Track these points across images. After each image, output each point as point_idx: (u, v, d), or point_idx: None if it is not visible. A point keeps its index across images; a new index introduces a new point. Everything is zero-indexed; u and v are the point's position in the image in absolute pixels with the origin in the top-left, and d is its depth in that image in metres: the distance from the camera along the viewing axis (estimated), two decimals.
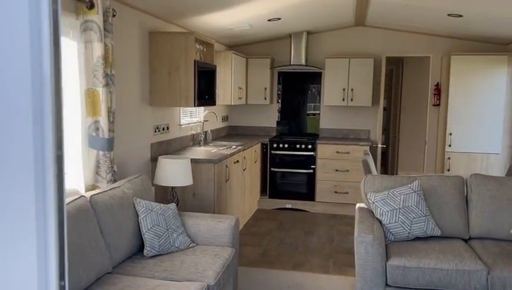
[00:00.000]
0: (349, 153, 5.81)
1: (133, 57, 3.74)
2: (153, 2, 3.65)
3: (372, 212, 3.37)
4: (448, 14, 4.57)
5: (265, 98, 6.30)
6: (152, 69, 4.01)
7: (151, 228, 2.91)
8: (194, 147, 4.87)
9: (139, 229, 2.93)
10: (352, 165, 5.80)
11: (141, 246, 2.95)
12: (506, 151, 5.52)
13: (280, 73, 6.52)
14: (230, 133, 6.74)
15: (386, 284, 2.92)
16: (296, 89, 6.52)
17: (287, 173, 6.01)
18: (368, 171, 4.01)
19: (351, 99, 6.02)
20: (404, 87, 7.38)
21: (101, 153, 3.05)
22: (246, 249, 4.46)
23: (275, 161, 6.03)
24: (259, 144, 5.99)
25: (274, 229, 5.17)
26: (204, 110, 5.41)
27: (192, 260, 2.83)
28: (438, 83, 6.05)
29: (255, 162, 5.77)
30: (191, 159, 3.89)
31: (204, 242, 3.17)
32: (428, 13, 4.71)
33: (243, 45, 6.51)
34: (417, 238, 3.26)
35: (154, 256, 2.88)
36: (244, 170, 5.14)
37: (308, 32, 6.20)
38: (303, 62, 6.12)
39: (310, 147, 5.90)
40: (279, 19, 5.00)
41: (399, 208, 3.24)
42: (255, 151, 5.73)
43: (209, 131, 5.53)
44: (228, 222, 3.19)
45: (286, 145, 5.97)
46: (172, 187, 3.77)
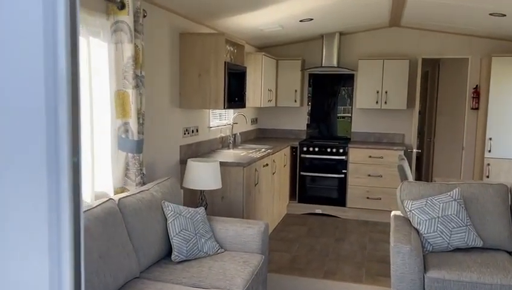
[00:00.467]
0: (382, 157, 5.62)
1: (163, 58, 3.70)
2: (184, 2, 3.61)
3: (409, 220, 3.21)
4: (490, 14, 4.34)
5: (295, 100, 6.18)
6: (182, 70, 3.97)
7: (179, 232, 2.85)
8: (223, 150, 4.81)
9: (167, 233, 2.88)
10: (386, 170, 5.61)
11: (169, 250, 2.90)
12: None
13: (311, 75, 6.38)
14: (259, 136, 6.65)
15: None
16: (327, 91, 6.37)
17: (317, 177, 5.87)
18: (404, 177, 3.84)
19: (385, 102, 5.83)
20: (440, 90, 7.11)
21: (130, 155, 3.01)
22: (275, 254, 4.35)
23: (304, 164, 5.90)
24: (289, 147, 5.87)
25: (303, 235, 5.04)
26: (234, 113, 5.34)
27: (220, 266, 2.75)
28: (476, 85, 5.78)
29: (284, 165, 5.66)
30: (220, 162, 3.82)
31: (232, 248, 3.09)
32: (468, 13, 4.49)
33: (274, 46, 6.42)
34: (457, 249, 3.08)
35: (182, 261, 2.82)
36: (273, 173, 5.04)
37: (341, 33, 6.05)
38: (335, 64, 5.98)
39: (341, 151, 5.75)
40: (312, 19, 4.88)
41: (438, 217, 3.07)
42: (285, 155, 5.62)
43: (238, 134, 5.46)
44: (257, 228, 3.10)
45: (316, 149, 5.84)
46: (201, 190, 3.71)
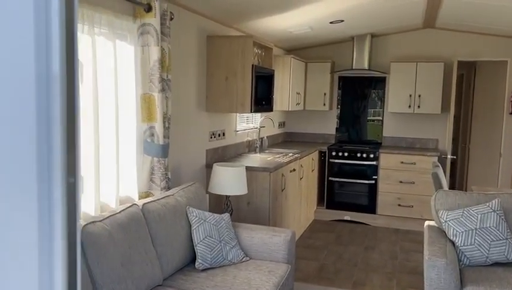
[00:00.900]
0: (415, 163, 5.42)
1: (190, 62, 3.66)
2: (212, 5, 3.56)
3: (444, 232, 3.04)
4: None
5: (324, 103, 6.05)
6: (209, 73, 3.92)
7: (203, 239, 2.78)
8: (249, 154, 4.73)
9: (191, 239, 2.81)
10: (419, 177, 5.40)
11: (193, 257, 2.83)
12: None
13: (340, 78, 6.24)
14: (286, 140, 6.54)
15: None
16: (357, 94, 6.21)
17: (346, 183, 5.71)
18: (439, 185, 3.66)
19: (418, 106, 5.62)
20: (476, 94, 6.82)
21: (155, 159, 2.97)
22: (301, 262, 4.24)
23: (333, 169, 5.76)
24: (317, 151, 5.74)
25: (331, 242, 4.90)
26: (261, 116, 5.26)
27: (245, 275, 2.66)
28: None
29: (312, 170, 5.53)
30: (246, 167, 3.74)
31: (258, 256, 3.00)
32: (507, 13, 4.26)
33: (302, 49, 6.30)
34: (496, 264, 2.90)
35: (206, 269, 2.75)
36: (300, 178, 4.92)
37: (372, 35, 5.88)
38: (366, 66, 5.81)
39: (371, 156, 5.57)
40: (342, 21, 4.75)
41: (475, 228, 2.90)
42: (313, 160, 5.50)
43: (265, 137, 5.37)
44: (284, 236, 3.00)
45: (346, 154, 5.68)
46: (226, 196, 3.64)
